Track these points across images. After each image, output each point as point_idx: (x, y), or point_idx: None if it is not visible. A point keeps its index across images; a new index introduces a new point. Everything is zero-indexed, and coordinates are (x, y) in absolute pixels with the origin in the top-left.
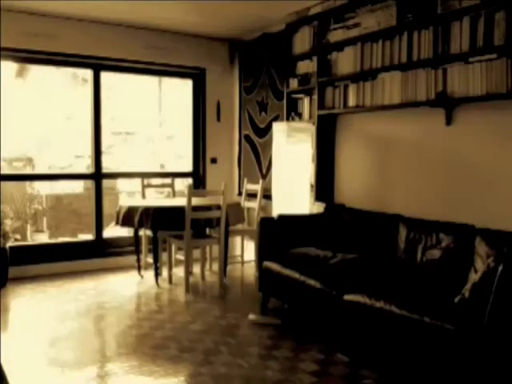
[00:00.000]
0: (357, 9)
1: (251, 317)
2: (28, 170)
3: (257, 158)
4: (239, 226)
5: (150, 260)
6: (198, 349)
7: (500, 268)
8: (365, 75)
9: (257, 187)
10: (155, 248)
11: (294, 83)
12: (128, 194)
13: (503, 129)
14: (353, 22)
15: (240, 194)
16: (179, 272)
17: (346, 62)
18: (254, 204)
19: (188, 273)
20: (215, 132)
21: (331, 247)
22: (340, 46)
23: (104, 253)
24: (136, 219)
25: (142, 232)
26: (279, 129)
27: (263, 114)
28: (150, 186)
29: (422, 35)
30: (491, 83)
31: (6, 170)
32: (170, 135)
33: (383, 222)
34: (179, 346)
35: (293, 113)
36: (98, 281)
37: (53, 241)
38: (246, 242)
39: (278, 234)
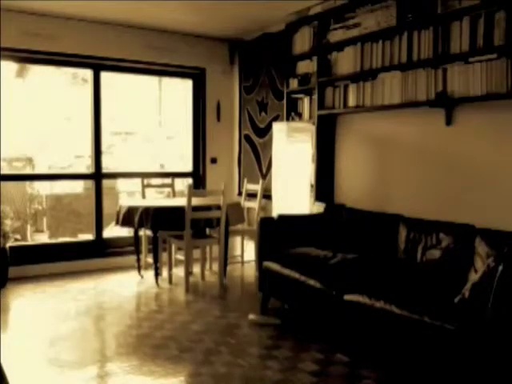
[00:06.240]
0: (357, 9)
1: (251, 317)
2: (28, 170)
3: (257, 158)
4: (239, 226)
5: (150, 260)
6: (197, 349)
7: (500, 268)
8: (365, 75)
9: (257, 187)
10: (155, 248)
11: (294, 83)
12: (128, 194)
13: (503, 129)
14: (353, 22)
15: (240, 193)
16: (179, 272)
17: (345, 62)
18: (253, 204)
19: (188, 273)
20: (215, 132)
21: (331, 247)
22: (340, 45)
23: (104, 253)
24: (136, 219)
25: (142, 232)
26: (279, 129)
27: (263, 113)
28: (149, 185)
29: (422, 35)
30: (491, 83)
31: (6, 170)
32: (170, 135)
33: (383, 222)
34: (179, 345)
35: (293, 113)
36: (97, 281)
37: (53, 241)
38: (245, 242)
39: (278, 234)
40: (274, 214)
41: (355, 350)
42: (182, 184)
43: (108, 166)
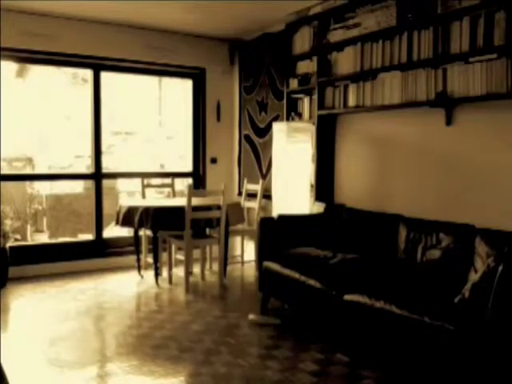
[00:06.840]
0: (357, 9)
1: (251, 317)
2: (28, 170)
3: (257, 158)
4: (239, 226)
5: (150, 260)
6: (197, 349)
7: (500, 268)
8: (365, 75)
9: (257, 187)
10: (155, 248)
11: (294, 83)
12: (128, 194)
13: (503, 129)
14: (353, 22)
15: (240, 193)
16: (179, 272)
17: (345, 61)
18: (254, 204)
19: (188, 273)
20: (215, 132)
21: (331, 247)
22: (340, 45)
23: (104, 253)
24: (136, 219)
25: (142, 232)
26: (279, 129)
27: (263, 113)
28: (149, 185)
29: (422, 35)
30: (491, 83)
31: (6, 170)
32: (170, 135)
33: (383, 222)
34: (179, 345)
35: (293, 113)
36: (97, 281)
37: (53, 241)
38: (245, 242)
39: (278, 234)
40: (274, 213)
41: (355, 350)
42: (182, 184)
43: (108, 166)
